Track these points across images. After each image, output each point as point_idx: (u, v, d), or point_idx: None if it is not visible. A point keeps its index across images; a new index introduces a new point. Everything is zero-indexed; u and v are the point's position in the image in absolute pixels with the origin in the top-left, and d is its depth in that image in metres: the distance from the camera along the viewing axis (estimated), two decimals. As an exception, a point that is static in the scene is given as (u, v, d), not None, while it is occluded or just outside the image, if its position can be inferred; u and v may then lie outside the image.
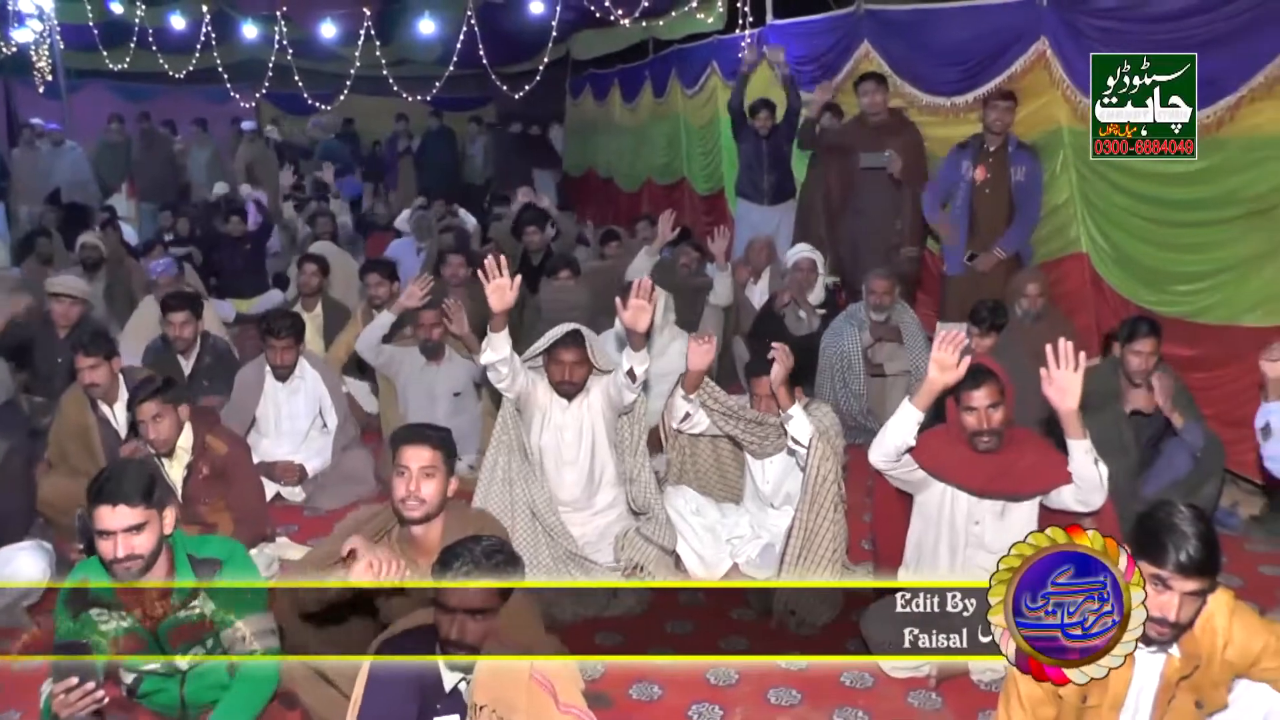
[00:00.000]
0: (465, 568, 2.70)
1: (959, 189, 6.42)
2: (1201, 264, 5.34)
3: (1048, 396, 3.47)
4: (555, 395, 4.58)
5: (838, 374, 6.27)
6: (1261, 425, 4.06)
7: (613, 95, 13.96)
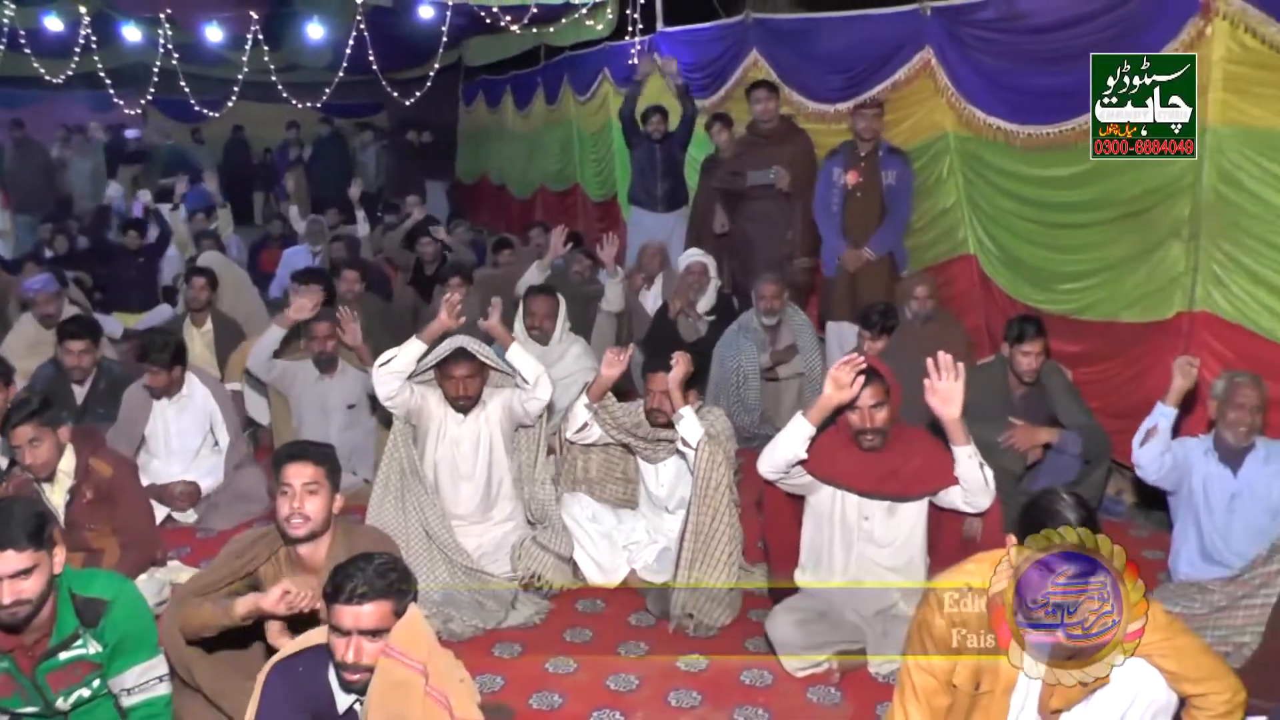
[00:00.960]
0: (360, 589, 2.65)
1: (833, 194, 6.55)
2: (1083, 263, 5.51)
3: (930, 405, 3.58)
4: (450, 409, 4.57)
5: (733, 388, 6.33)
6: (1150, 425, 4.19)
7: (505, 102, 13.91)
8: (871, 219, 6.49)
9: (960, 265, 6.46)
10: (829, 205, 6.60)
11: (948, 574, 2.93)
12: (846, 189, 6.47)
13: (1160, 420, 4.16)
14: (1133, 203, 5.06)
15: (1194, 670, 2.77)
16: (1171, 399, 4.15)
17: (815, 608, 3.94)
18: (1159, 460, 4.18)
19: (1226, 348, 4.81)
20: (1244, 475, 4.14)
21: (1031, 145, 5.49)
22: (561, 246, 6.98)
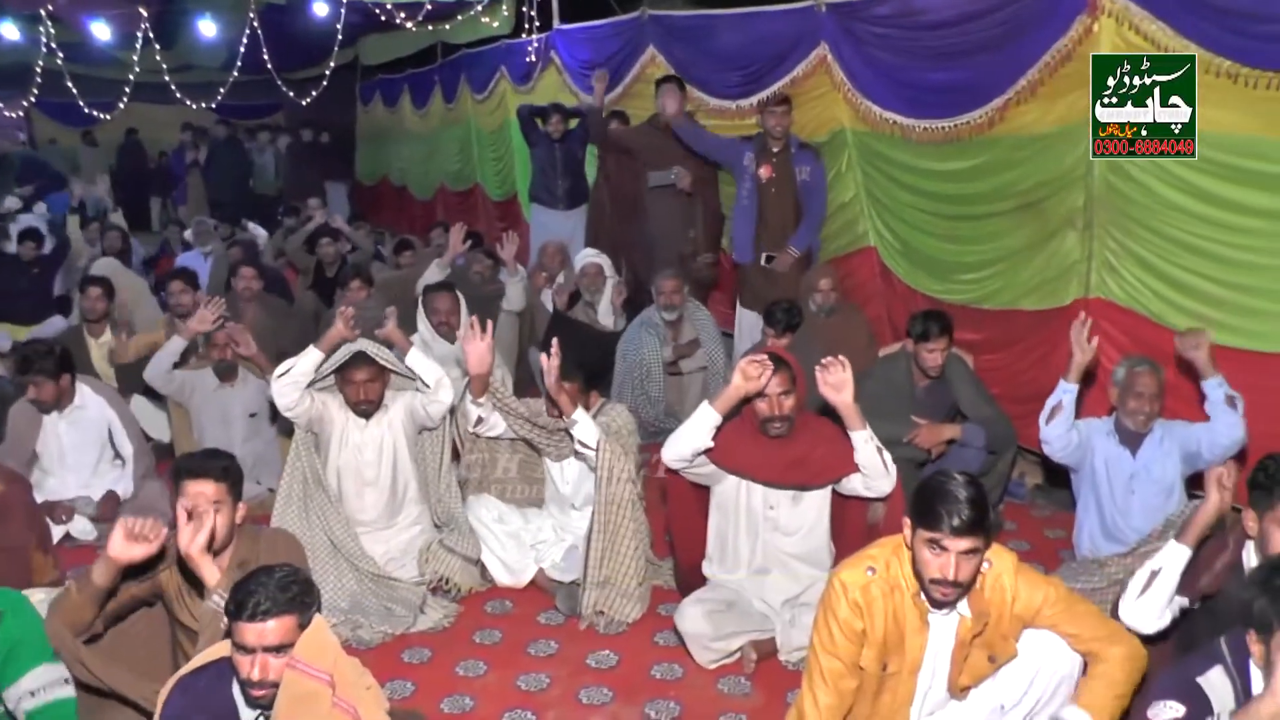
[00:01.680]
0: (263, 605, 2.57)
1: (745, 184, 6.58)
2: (981, 254, 5.62)
3: (826, 396, 3.62)
4: (352, 415, 4.49)
5: (637, 382, 6.34)
6: (1054, 403, 4.28)
7: (403, 101, 13.75)
8: (786, 215, 6.53)
9: (861, 257, 6.56)
10: (741, 196, 6.64)
11: (851, 559, 2.96)
12: (760, 184, 6.51)
13: (1063, 396, 4.26)
14: (1028, 194, 5.19)
15: (1095, 631, 2.88)
16: (1073, 375, 4.24)
17: (723, 598, 3.96)
18: (1065, 437, 4.28)
19: (1121, 332, 4.97)
20: (1142, 456, 4.28)
21: (927, 139, 5.58)
22: (460, 245, 6.90)
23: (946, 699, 3.03)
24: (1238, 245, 4.34)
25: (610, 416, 4.45)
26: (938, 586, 2.74)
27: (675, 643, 4.01)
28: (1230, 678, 2.54)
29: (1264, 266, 4.26)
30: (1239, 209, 4.27)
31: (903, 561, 2.87)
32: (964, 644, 2.89)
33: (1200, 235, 4.46)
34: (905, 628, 2.86)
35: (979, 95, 5.20)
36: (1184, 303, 4.64)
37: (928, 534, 2.71)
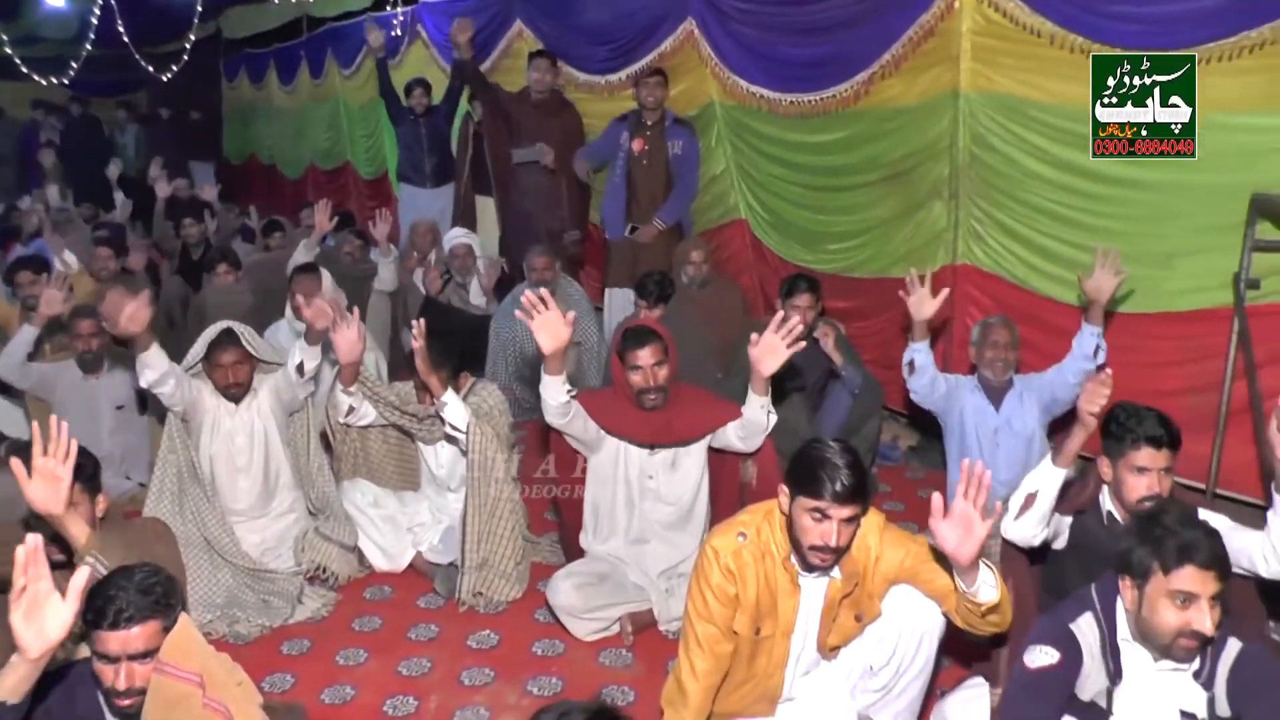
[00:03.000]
0: (125, 612, 2.46)
1: (618, 160, 6.59)
2: (850, 224, 5.72)
3: (751, 356, 3.61)
4: (222, 400, 4.36)
5: (509, 359, 6.31)
6: (907, 361, 4.44)
7: (269, 77, 13.27)
8: (657, 188, 6.56)
9: (733, 230, 6.61)
10: (614, 172, 6.63)
11: (722, 526, 3.00)
12: (632, 157, 6.52)
13: (915, 356, 4.41)
14: (895, 165, 5.30)
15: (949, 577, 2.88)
16: (917, 333, 4.39)
17: (596, 571, 3.98)
18: (930, 385, 4.44)
19: (987, 296, 5.13)
20: (1004, 410, 4.44)
21: (795, 113, 5.65)
22: (327, 224, 6.74)
23: (819, 659, 3.10)
24: (1094, 211, 4.50)
25: (481, 397, 4.41)
26: (817, 553, 2.78)
27: (555, 619, 4.01)
28: (1098, 623, 2.64)
29: (1118, 231, 4.42)
30: (1093, 177, 4.42)
31: (773, 527, 2.91)
32: (833, 605, 2.95)
33: (1059, 202, 4.62)
34: (777, 592, 2.91)
35: (844, 70, 5.29)
36: (1046, 267, 4.80)
37: (810, 502, 2.74)
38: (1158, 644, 2.52)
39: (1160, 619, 2.48)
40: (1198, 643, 2.47)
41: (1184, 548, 2.44)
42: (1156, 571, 2.48)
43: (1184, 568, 2.44)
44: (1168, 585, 2.46)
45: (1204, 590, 2.43)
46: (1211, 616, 2.43)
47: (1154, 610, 2.49)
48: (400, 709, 3.55)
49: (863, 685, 3.12)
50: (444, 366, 4.27)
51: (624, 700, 3.58)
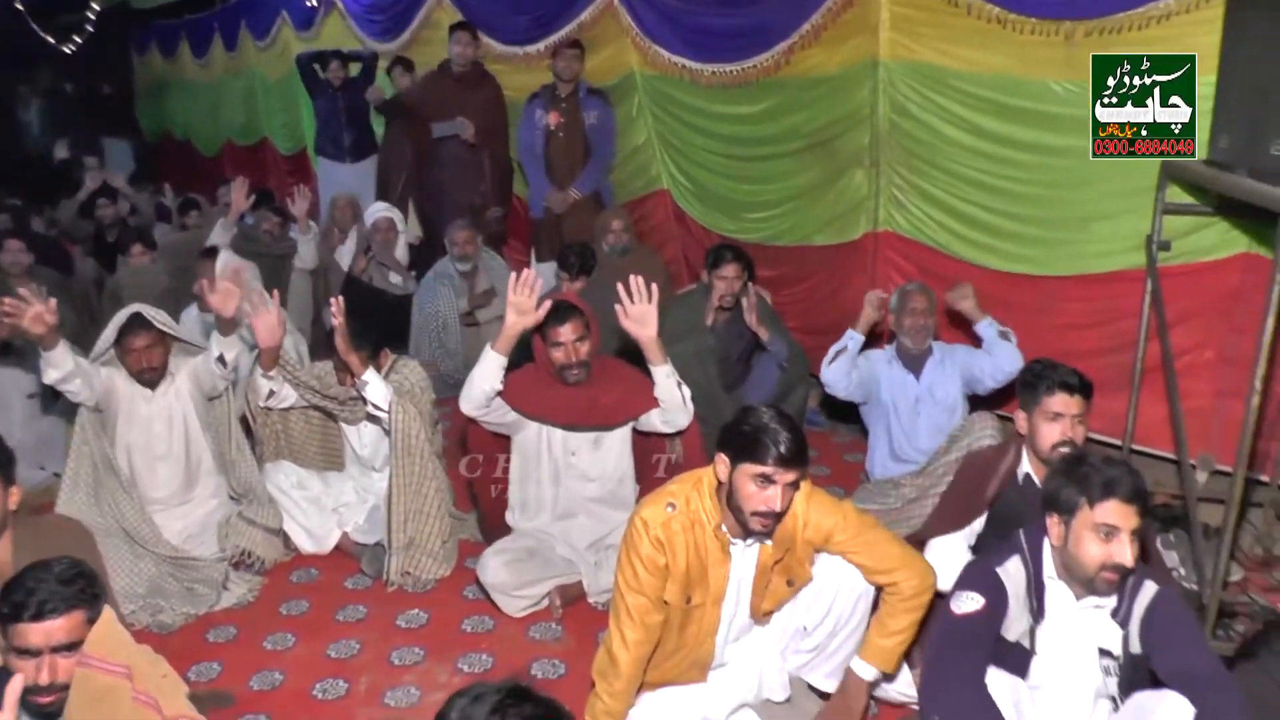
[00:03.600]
0: (47, 604, 2.38)
1: (536, 135, 6.55)
2: (773, 193, 5.74)
3: (629, 330, 3.64)
4: (137, 386, 4.26)
5: (433, 334, 6.26)
6: (839, 348, 4.45)
7: (182, 50, 12.94)
8: (575, 159, 6.53)
9: (656, 200, 6.61)
10: (533, 147, 6.59)
11: (650, 497, 3.00)
12: (549, 130, 6.47)
13: (849, 343, 4.45)
14: (817, 134, 5.32)
15: (883, 561, 2.98)
16: (861, 327, 4.45)
17: (525, 547, 3.97)
18: (846, 377, 4.45)
19: (908, 262, 5.18)
20: (925, 379, 4.48)
21: (716, 83, 5.66)
22: (244, 202, 6.60)
23: (750, 625, 3.12)
24: (1010, 177, 4.57)
25: (403, 375, 4.36)
26: (760, 519, 2.78)
27: (484, 596, 4.00)
28: (1025, 565, 2.72)
29: (1033, 196, 4.50)
30: (1010, 144, 4.49)
31: (702, 495, 2.91)
32: (765, 571, 2.98)
33: (978, 169, 4.68)
34: (708, 560, 2.92)
35: (765, 39, 5.30)
36: (966, 232, 4.86)
37: (755, 468, 2.75)
38: (1081, 577, 2.61)
39: (1085, 552, 2.57)
40: (1119, 575, 2.56)
41: (1108, 483, 2.55)
42: (1082, 506, 2.58)
43: (1108, 501, 2.54)
44: (1093, 518, 2.56)
45: (1125, 524, 2.53)
46: (1131, 550, 2.54)
47: (1079, 543, 2.58)
48: (330, 692, 3.52)
49: (794, 646, 3.17)
50: (364, 345, 4.20)
51: (555, 673, 3.59)
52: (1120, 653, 2.67)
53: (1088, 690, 2.74)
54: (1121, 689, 2.68)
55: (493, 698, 1.73)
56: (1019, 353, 4.25)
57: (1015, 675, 2.71)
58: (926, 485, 4.10)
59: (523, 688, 1.76)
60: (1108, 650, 2.69)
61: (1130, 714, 2.58)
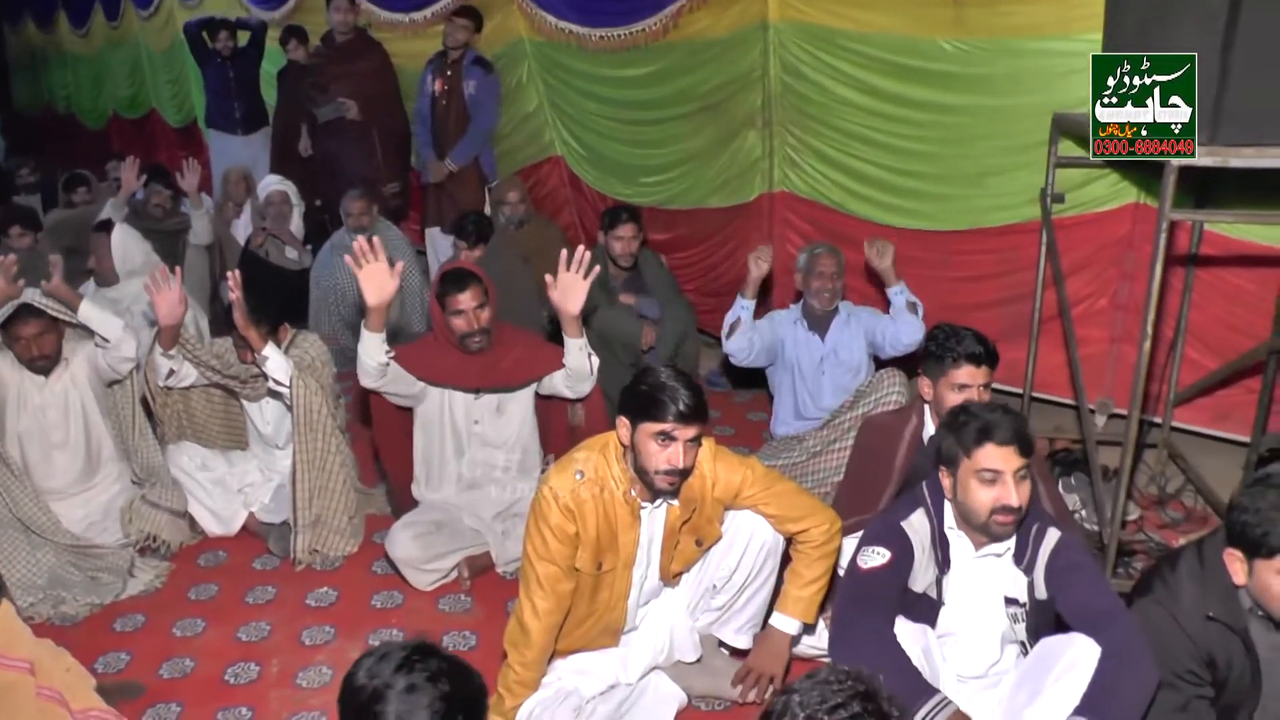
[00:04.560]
0: None
1: (423, 102, 6.53)
2: (666, 157, 5.77)
3: (553, 300, 3.63)
4: (27, 374, 4.14)
5: (332, 307, 6.19)
6: (733, 320, 4.42)
7: (59, 20, 12.45)
8: (457, 128, 6.50)
9: (549, 166, 6.61)
10: (421, 113, 6.56)
11: (557, 465, 3.02)
12: (434, 97, 6.45)
13: (741, 312, 4.40)
14: (708, 96, 5.35)
15: (793, 510, 3.05)
16: (749, 291, 4.38)
17: (433, 519, 3.97)
18: (749, 347, 4.44)
19: (805, 221, 5.26)
20: (830, 339, 4.51)
21: (604, 48, 5.65)
22: (134, 181, 6.41)
23: (660, 587, 3.18)
24: (904, 135, 4.66)
25: (303, 349, 4.30)
26: (664, 476, 2.81)
27: (392, 571, 4.00)
28: (929, 517, 2.79)
29: (927, 154, 4.60)
30: (903, 102, 4.58)
31: (610, 461, 2.94)
32: (674, 532, 3.02)
33: (872, 128, 4.76)
34: (617, 525, 2.95)
35: (652, 3, 5.31)
36: (862, 190, 4.94)
37: (655, 426, 2.77)
38: (976, 524, 2.69)
39: (973, 499, 2.65)
40: (1011, 518, 2.64)
41: (983, 428, 2.63)
42: (962, 455, 2.66)
43: (984, 446, 2.62)
44: (974, 465, 2.63)
45: (1007, 466, 2.61)
46: (1019, 491, 2.61)
47: (967, 491, 2.66)
48: (242, 676, 3.50)
49: (704, 604, 3.23)
50: (263, 319, 4.13)
51: (465, 645, 3.61)
52: (1026, 599, 2.75)
53: (995, 636, 2.84)
54: (1030, 634, 2.78)
55: (399, 654, 1.78)
56: (922, 326, 4.25)
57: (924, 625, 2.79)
58: (830, 438, 4.16)
59: (429, 644, 1.81)
60: (1013, 599, 2.77)
61: (1038, 657, 2.67)
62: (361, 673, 1.78)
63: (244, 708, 3.33)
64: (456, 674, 1.77)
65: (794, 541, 3.10)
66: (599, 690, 3.08)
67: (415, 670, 1.75)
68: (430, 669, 1.75)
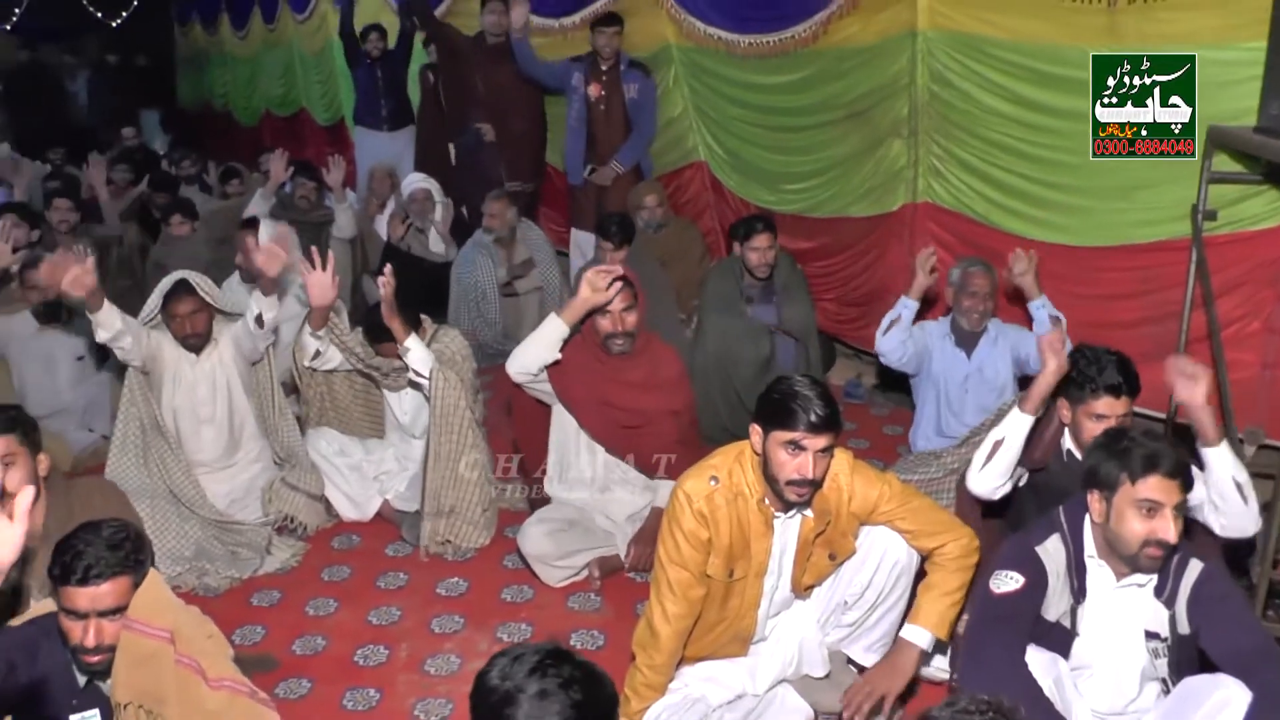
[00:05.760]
0: (94, 569, 2.41)
1: (574, 104, 6.54)
2: (810, 164, 5.70)
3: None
4: (182, 351, 4.31)
5: (472, 304, 6.28)
6: (894, 316, 4.35)
7: (222, 22, 13.01)
8: (616, 132, 6.52)
9: (692, 171, 6.59)
10: (571, 116, 6.59)
11: (693, 470, 2.99)
12: (590, 102, 6.47)
13: (903, 311, 4.34)
14: (854, 104, 5.28)
15: (930, 526, 2.96)
16: (914, 293, 4.32)
17: (566, 517, 3.99)
18: (901, 348, 4.37)
19: (948, 233, 5.13)
20: (976, 357, 4.40)
21: (753, 54, 5.61)
22: (283, 173, 6.63)
23: (791, 598, 3.12)
24: (1051, 146, 4.50)
25: (444, 344, 4.37)
26: (794, 487, 2.76)
27: (523, 565, 4.03)
28: (1065, 544, 2.69)
29: (1071, 165, 4.43)
30: (1051, 112, 4.42)
31: (745, 468, 2.90)
32: (807, 544, 2.96)
33: (1019, 138, 4.62)
34: (750, 533, 2.91)
35: (802, 9, 5.27)
36: (1006, 202, 4.80)
37: (785, 435, 2.73)
38: (1124, 554, 2.58)
39: (1127, 528, 2.54)
40: (1163, 552, 2.53)
41: (1150, 457, 2.52)
42: (1124, 481, 2.55)
43: (1150, 476, 2.51)
44: (1134, 494, 2.53)
45: (1168, 499, 2.50)
46: (1175, 526, 2.50)
47: (1121, 520, 2.55)
48: (371, 658, 3.57)
49: (835, 620, 3.16)
50: (407, 313, 4.23)
51: (594, 644, 3.62)
52: (1168, 634, 2.64)
53: (1134, 671, 2.71)
54: (1172, 671, 2.65)
55: (533, 658, 1.76)
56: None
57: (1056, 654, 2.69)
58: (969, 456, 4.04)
59: (563, 650, 1.79)
60: (1154, 633, 2.66)
61: (1181, 697, 2.56)
62: (494, 673, 1.77)
63: (372, 689, 3.40)
64: (589, 681, 1.75)
65: (929, 557, 3.02)
66: (726, 699, 3.04)
67: (548, 675, 1.73)
68: (563, 675, 1.73)
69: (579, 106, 6.51)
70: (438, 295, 6.34)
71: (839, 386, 5.64)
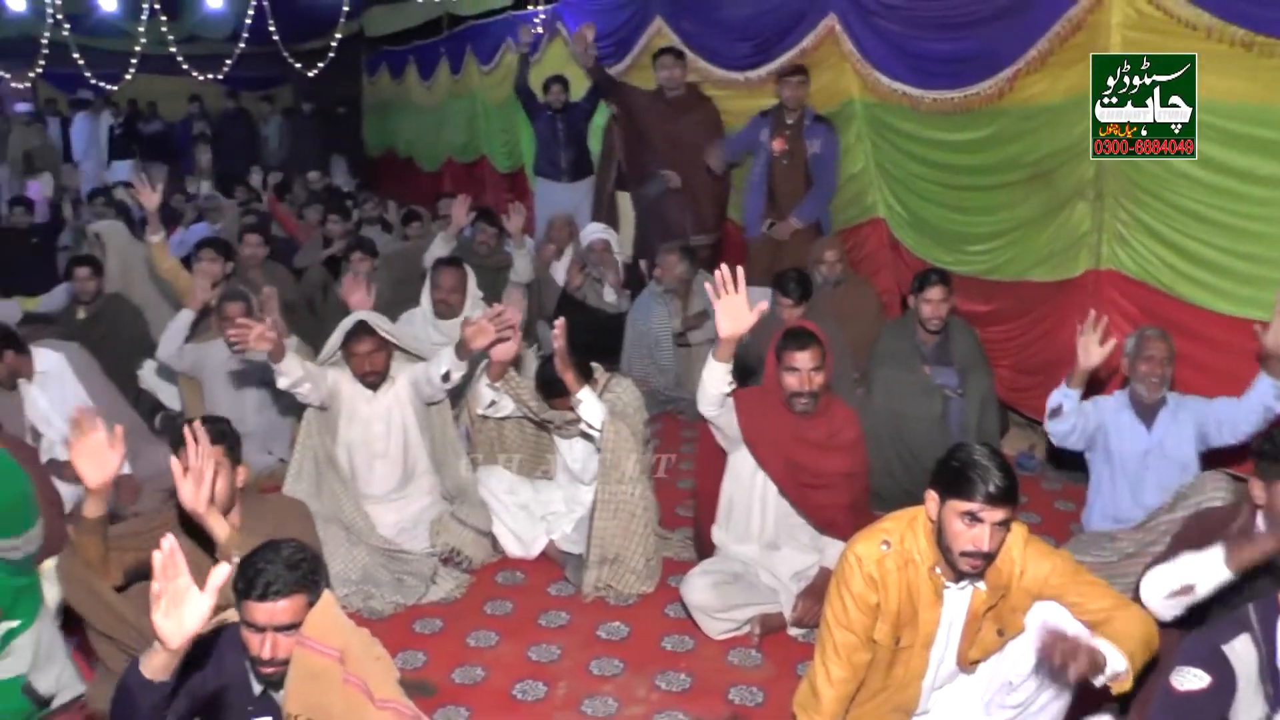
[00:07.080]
0: (273, 586, 2.54)
1: (758, 158, 6.59)
2: (991, 225, 5.60)
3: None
4: (360, 387, 4.48)
5: (646, 351, 6.36)
6: (1054, 406, 4.18)
7: (409, 73, 13.66)
8: (797, 186, 6.55)
9: (870, 229, 6.55)
10: (754, 169, 6.64)
11: (865, 532, 2.94)
12: (772, 156, 6.52)
13: (1064, 402, 4.13)
14: (1037, 165, 5.15)
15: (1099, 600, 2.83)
16: (1075, 380, 4.09)
17: (731, 570, 3.97)
18: (1070, 431, 4.19)
19: (1132, 304, 4.94)
20: (1157, 431, 4.19)
21: (936, 110, 5.55)
22: (464, 217, 6.86)
23: (956, 673, 3.02)
24: (1245, 214, 4.30)
25: (616, 394, 4.43)
26: (968, 559, 2.71)
27: (685, 615, 4.02)
28: (1256, 645, 2.53)
29: (1269, 235, 4.23)
30: (1246, 177, 4.23)
31: (917, 534, 2.85)
32: (976, 617, 2.88)
33: (1209, 204, 4.42)
34: (919, 601, 2.85)
35: (988, 66, 5.18)
36: (1194, 273, 4.60)
37: (962, 505, 2.67)
38: None
39: None
40: None
41: None
42: None
43: None
44: None
45: None
46: None
47: None
48: (529, 693, 3.61)
49: (999, 700, 3.04)
50: (579, 363, 4.30)
51: (753, 701, 3.57)
52: None
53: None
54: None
55: None
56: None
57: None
58: (1146, 541, 3.86)
59: None
60: None
61: None
62: None
63: (528, 724, 3.43)
64: None
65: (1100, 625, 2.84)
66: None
67: None
68: None
69: (763, 160, 6.55)
70: (610, 344, 6.44)
71: (1011, 456, 5.45)
